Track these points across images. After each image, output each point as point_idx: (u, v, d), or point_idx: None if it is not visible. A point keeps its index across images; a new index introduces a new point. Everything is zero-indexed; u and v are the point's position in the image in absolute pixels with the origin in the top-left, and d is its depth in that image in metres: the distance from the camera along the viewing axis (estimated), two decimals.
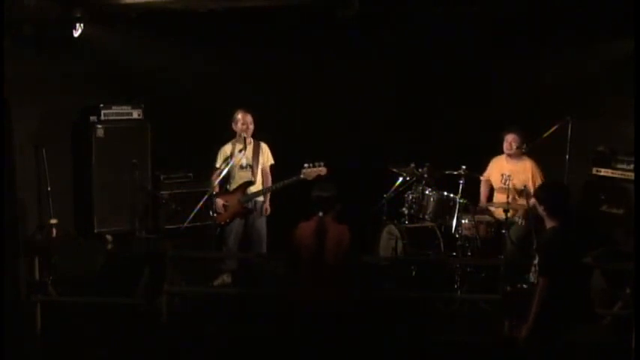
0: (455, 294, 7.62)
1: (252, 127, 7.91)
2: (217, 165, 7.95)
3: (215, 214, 7.82)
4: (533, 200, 6.01)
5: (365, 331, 6.25)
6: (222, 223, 7.88)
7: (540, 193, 5.50)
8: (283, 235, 5.99)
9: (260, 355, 6.49)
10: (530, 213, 7.39)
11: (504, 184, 8.00)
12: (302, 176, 7.62)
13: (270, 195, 8.03)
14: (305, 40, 9.14)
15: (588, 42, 8.55)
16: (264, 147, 8.07)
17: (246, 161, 7.92)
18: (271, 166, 8.13)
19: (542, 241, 5.55)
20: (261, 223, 8.02)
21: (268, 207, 8.03)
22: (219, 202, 7.81)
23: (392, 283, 7.76)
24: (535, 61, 8.94)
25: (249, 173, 7.94)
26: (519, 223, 7.81)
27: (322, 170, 7.64)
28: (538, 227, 6.56)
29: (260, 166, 7.99)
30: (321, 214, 5.64)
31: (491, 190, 8.33)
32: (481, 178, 8.30)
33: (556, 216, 5.25)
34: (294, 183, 7.70)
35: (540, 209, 5.35)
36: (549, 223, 5.28)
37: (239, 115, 7.93)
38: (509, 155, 8.10)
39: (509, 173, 7.99)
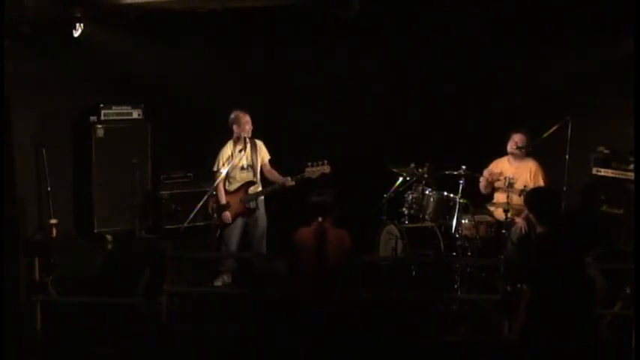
0: (455, 294, 7.62)
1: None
2: (219, 169, 7.80)
3: (216, 216, 7.79)
4: None
5: (365, 332, 6.25)
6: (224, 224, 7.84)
7: (529, 197, 5.35)
8: (283, 234, 5.98)
9: (260, 355, 6.48)
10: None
11: (506, 186, 7.99)
12: (306, 175, 7.62)
13: (271, 195, 7.96)
14: (305, 40, 9.14)
15: (588, 42, 8.54)
16: (260, 144, 7.98)
17: (246, 162, 7.88)
18: (274, 167, 8.09)
19: (526, 249, 5.40)
20: (263, 222, 7.97)
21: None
22: (227, 214, 7.74)
23: (392, 283, 7.76)
24: (535, 61, 8.92)
25: (251, 174, 7.89)
26: (519, 223, 7.81)
27: (326, 168, 7.63)
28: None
29: (260, 164, 7.94)
30: (320, 219, 5.66)
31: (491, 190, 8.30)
32: (481, 177, 8.25)
33: (545, 222, 5.09)
34: (298, 182, 7.68)
35: (530, 214, 5.25)
36: (539, 229, 5.14)
37: (241, 116, 7.80)
38: (512, 155, 8.07)
39: (512, 175, 7.95)
